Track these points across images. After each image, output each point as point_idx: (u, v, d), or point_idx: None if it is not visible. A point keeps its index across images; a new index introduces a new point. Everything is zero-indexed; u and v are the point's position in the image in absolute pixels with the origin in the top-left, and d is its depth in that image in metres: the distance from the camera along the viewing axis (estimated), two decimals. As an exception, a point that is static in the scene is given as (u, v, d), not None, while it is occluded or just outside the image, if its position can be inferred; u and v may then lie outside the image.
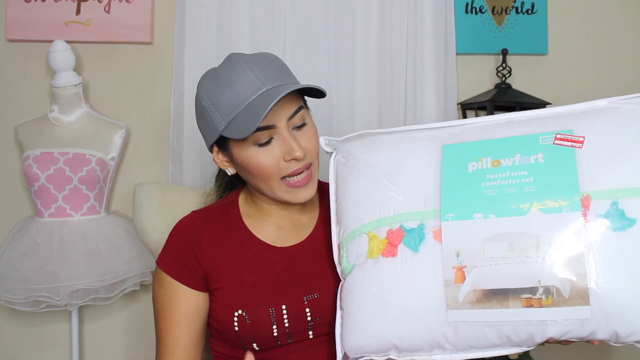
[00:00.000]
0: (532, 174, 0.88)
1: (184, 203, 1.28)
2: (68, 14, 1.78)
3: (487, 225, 0.87)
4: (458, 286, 0.87)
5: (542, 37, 1.78)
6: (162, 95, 1.82)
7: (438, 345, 0.90)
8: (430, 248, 0.91)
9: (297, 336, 1.06)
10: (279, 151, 1.01)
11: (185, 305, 1.06)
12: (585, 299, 0.81)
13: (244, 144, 1.01)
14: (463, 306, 0.87)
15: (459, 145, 0.95)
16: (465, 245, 0.88)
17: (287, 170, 1.02)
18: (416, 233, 0.92)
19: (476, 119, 1.00)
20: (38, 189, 1.68)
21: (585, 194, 0.84)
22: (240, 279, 1.06)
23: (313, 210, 1.15)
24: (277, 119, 1.00)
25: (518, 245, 0.85)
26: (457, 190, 0.91)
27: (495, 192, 0.88)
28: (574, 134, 0.89)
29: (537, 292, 0.83)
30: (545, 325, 0.84)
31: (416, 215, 0.93)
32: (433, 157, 0.96)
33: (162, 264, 1.09)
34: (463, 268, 0.87)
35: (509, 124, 0.96)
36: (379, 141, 1.02)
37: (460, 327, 0.88)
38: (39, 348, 1.85)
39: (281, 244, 1.09)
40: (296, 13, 1.75)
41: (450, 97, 1.77)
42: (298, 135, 1.03)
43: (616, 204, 0.83)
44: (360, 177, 1.00)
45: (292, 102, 1.01)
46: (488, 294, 0.86)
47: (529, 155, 0.90)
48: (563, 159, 0.87)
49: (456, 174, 0.92)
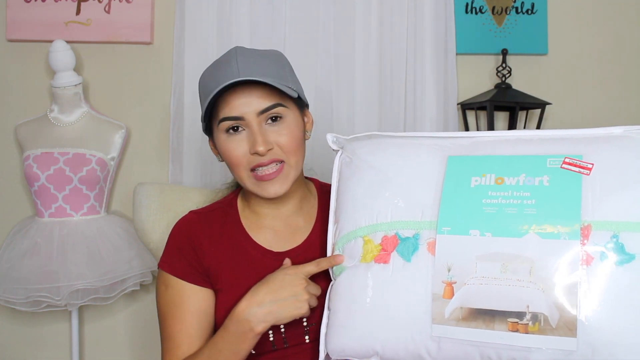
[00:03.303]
0: (534, 196, 0.86)
1: (184, 203, 1.28)
2: (68, 14, 1.78)
3: (482, 243, 0.86)
4: (445, 301, 0.87)
5: (542, 37, 1.78)
6: (162, 95, 1.82)
7: (419, 357, 0.89)
8: (422, 259, 0.90)
9: (293, 340, 1.06)
10: (246, 142, 1.02)
11: (197, 303, 1.06)
12: (573, 331, 0.80)
13: (219, 132, 1.04)
14: (448, 322, 0.86)
15: (465, 158, 0.94)
16: (457, 260, 0.87)
17: (253, 162, 1.02)
18: (410, 242, 0.92)
19: (487, 133, 0.98)
20: (38, 189, 1.68)
21: (586, 223, 0.83)
22: (239, 282, 1.05)
23: (310, 212, 1.14)
24: (244, 111, 1.00)
25: (511, 267, 0.84)
26: (456, 203, 0.90)
27: (494, 210, 0.87)
28: (582, 159, 0.87)
29: (525, 317, 0.82)
30: (529, 352, 0.82)
31: (413, 224, 0.93)
32: (437, 167, 0.95)
33: (166, 266, 1.08)
34: (453, 284, 0.87)
35: (520, 141, 0.94)
36: (386, 144, 1.01)
37: (443, 343, 0.87)
38: (39, 348, 1.85)
39: (278, 249, 1.09)
40: (296, 13, 1.75)
41: (450, 97, 1.77)
42: (270, 131, 1.02)
43: (617, 237, 0.81)
44: (362, 179, 1.00)
45: (265, 96, 1.01)
46: (475, 313, 0.85)
47: (534, 176, 0.88)
48: (568, 184, 0.85)
49: (458, 187, 0.91)
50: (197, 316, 1.06)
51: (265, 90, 1.00)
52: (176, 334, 1.05)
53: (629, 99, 1.82)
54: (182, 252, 1.08)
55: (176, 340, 1.05)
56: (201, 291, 1.06)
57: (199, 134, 1.74)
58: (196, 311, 1.06)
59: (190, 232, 1.09)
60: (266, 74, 1.00)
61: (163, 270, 1.08)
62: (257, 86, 1.00)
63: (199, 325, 1.06)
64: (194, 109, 1.73)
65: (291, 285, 0.97)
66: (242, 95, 1.00)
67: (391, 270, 0.92)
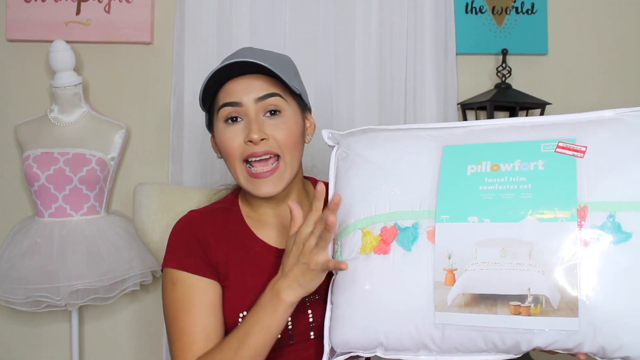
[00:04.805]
0: (530, 181, 0.87)
1: (184, 203, 1.28)
2: (68, 14, 1.78)
3: (481, 229, 0.87)
4: (447, 288, 0.87)
5: (542, 37, 1.78)
6: (162, 95, 1.82)
7: (424, 346, 0.90)
8: (422, 248, 0.90)
9: (299, 337, 1.06)
10: (242, 132, 1.02)
11: (209, 296, 1.03)
12: (574, 311, 0.81)
13: (218, 121, 1.04)
14: (451, 309, 0.87)
15: (460, 147, 0.95)
16: (457, 247, 0.88)
17: (247, 151, 1.02)
18: (410, 232, 0.92)
19: (480, 122, 0.99)
20: (38, 189, 1.68)
21: (583, 205, 0.84)
22: (245, 279, 1.05)
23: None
24: (243, 97, 1.01)
25: (511, 252, 0.84)
26: (454, 192, 0.91)
27: (492, 197, 0.88)
28: (576, 142, 0.88)
29: (526, 300, 0.83)
30: (532, 334, 0.83)
31: (411, 214, 0.93)
32: (433, 157, 0.96)
33: (173, 263, 1.06)
34: (454, 270, 0.87)
35: (513, 128, 0.95)
36: (381, 137, 1.02)
37: (446, 330, 0.88)
38: (39, 348, 1.85)
39: (282, 246, 1.09)
40: (296, 13, 1.75)
41: (450, 97, 1.77)
42: (267, 123, 1.03)
43: (613, 217, 0.82)
44: (359, 172, 1.00)
45: (265, 85, 1.02)
46: (477, 299, 0.85)
47: (529, 161, 0.89)
48: (563, 167, 0.87)
49: (454, 176, 0.92)
50: (211, 309, 1.03)
51: (265, 80, 1.02)
52: (190, 327, 1.00)
53: (629, 99, 1.81)
54: (188, 247, 1.06)
55: (191, 334, 1.00)
56: (213, 284, 1.04)
57: (199, 134, 1.74)
58: (210, 303, 1.03)
59: (195, 229, 1.08)
60: (270, 65, 1.01)
61: (169, 268, 1.06)
62: (259, 76, 1.02)
63: (214, 318, 1.03)
64: (194, 109, 1.74)
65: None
66: (242, 82, 1.02)
67: (392, 261, 0.92)
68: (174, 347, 1.02)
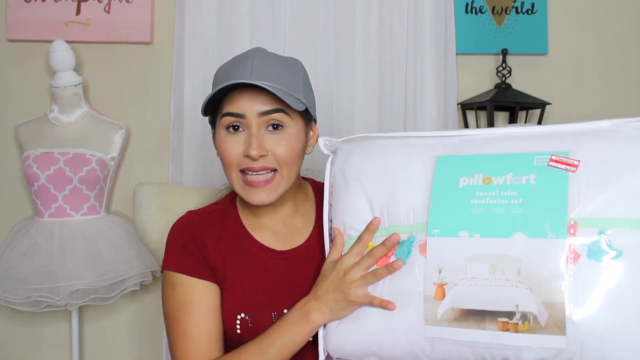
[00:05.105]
0: (521, 195, 0.86)
1: (184, 203, 1.28)
2: (68, 14, 1.78)
3: (471, 244, 0.87)
4: (437, 303, 0.88)
5: (542, 37, 1.78)
6: (162, 95, 1.82)
7: (416, 357, 0.91)
8: (415, 261, 0.91)
9: None
10: (242, 143, 1.02)
11: (209, 299, 1.04)
12: (562, 329, 0.80)
13: (220, 127, 1.04)
14: (441, 323, 0.87)
15: (453, 157, 0.94)
16: (448, 262, 0.88)
17: (244, 164, 1.02)
18: (406, 246, 0.93)
19: (476, 131, 0.98)
20: (38, 189, 1.68)
21: (573, 221, 0.83)
22: (242, 281, 1.05)
23: (307, 213, 1.14)
24: (247, 110, 1.01)
25: (500, 268, 0.84)
26: (445, 205, 0.91)
27: (482, 211, 0.87)
28: (569, 156, 0.87)
29: (514, 316, 0.83)
30: (520, 350, 0.83)
31: (407, 227, 0.94)
32: (426, 168, 0.95)
33: (172, 265, 1.06)
34: (444, 285, 0.88)
35: (508, 138, 0.94)
36: (376, 148, 1.01)
37: (436, 343, 0.88)
38: (39, 348, 1.85)
39: (280, 247, 1.09)
40: (296, 13, 1.75)
41: (450, 97, 1.77)
42: (268, 138, 1.02)
43: (603, 233, 0.82)
44: (355, 192, 1.00)
45: (269, 100, 1.01)
46: (466, 314, 0.86)
47: (521, 175, 0.88)
48: (555, 182, 0.85)
49: (446, 188, 0.92)
50: (211, 311, 1.03)
51: (271, 95, 1.00)
52: (191, 330, 1.01)
53: (629, 99, 1.82)
54: (186, 248, 1.06)
55: (193, 337, 1.01)
56: (212, 287, 1.05)
57: (199, 134, 1.74)
58: (210, 306, 1.03)
59: (193, 230, 1.08)
60: (277, 81, 1.00)
61: (168, 271, 1.06)
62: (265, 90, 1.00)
63: (215, 321, 1.03)
64: (194, 109, 1.73)
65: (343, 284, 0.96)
66: (248, 95, 1.01)
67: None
68: (176, 350, 1.02)
